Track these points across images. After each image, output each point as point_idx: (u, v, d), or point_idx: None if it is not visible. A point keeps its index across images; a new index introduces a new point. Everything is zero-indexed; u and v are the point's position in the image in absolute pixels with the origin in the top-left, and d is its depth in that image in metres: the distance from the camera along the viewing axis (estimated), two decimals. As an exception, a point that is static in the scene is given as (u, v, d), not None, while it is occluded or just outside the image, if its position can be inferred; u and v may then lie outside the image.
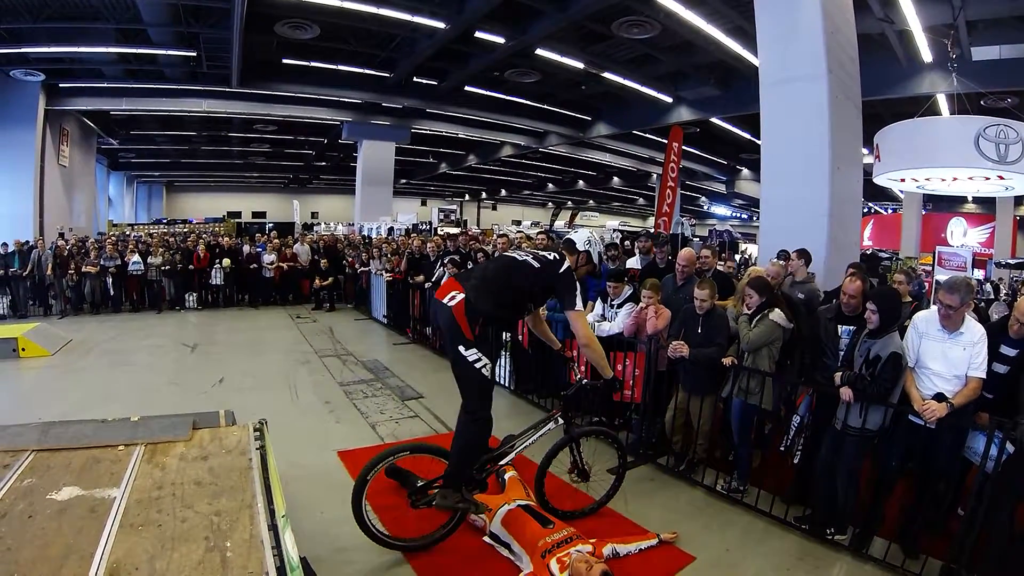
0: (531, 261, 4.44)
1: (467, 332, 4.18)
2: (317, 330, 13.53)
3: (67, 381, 9.19)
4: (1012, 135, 11.58)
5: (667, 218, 14.60)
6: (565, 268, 4.47)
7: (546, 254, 4.53)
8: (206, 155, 36.81)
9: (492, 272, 4.47)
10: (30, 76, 19.73)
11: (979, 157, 11.89)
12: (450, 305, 4.17)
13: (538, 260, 4.45)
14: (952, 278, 4.74)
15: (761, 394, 5.47)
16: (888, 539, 4.72)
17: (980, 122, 11.98)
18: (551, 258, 4.48)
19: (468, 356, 4.20)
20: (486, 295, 4.25)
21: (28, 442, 3.52)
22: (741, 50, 16.27)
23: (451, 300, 4.18)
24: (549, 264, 4.44)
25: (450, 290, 4.25)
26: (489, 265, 4.65)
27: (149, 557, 2.50)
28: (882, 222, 32.82)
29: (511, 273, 4.42)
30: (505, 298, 4.38)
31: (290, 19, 16.25)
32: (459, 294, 4.18)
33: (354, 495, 4.27)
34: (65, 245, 16.33)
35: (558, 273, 4.43)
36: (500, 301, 4.34)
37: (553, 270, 4.43)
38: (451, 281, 4.36)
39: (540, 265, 4.42)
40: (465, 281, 4.33)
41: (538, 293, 4.57)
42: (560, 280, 4.44)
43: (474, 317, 4.19)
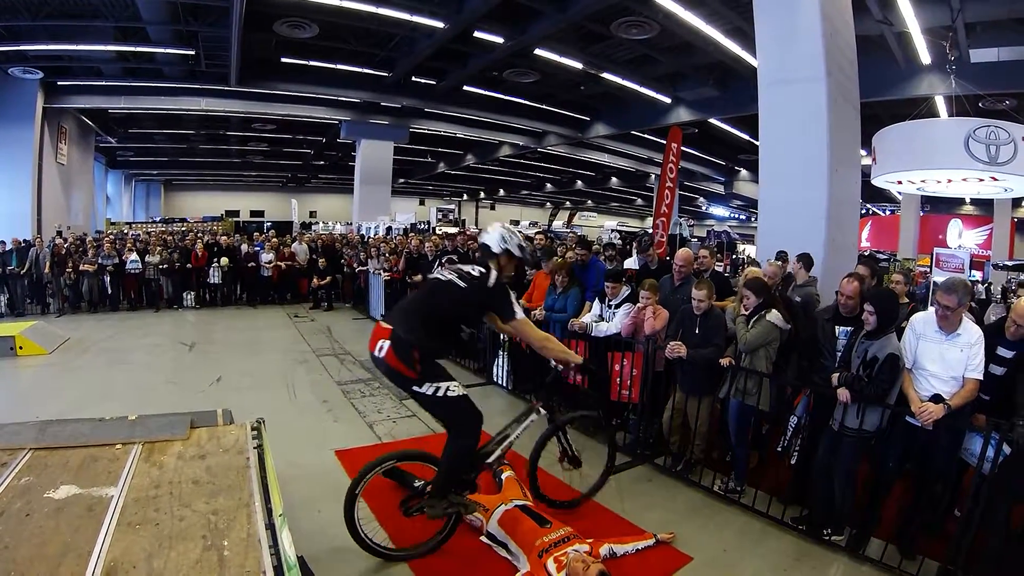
0: (456, 281, 4.26)
1: (410, 373, 4.05)
2: (315, 329, 13.53)
3: (64, 380, 9.18)
4: (1003, 136, 11.57)
5: (665, 219, 14.57)
6: (493, 280, 4.27)
7: (471, 270, 4.34)
8: (204, 154, 36.79)
9: (415, 302, 4.39)
10: (28, 74, 19.73)
11: (969, 159, 11.89)
12: (382, 356, 4.06)
13: (463, 278, 4.27)
14: (950, 279, 4.75)
15: (759, 395, 5.47)
16: (885, 540, 4.71)
17: (971, 124, 11.98)
18: (476, 273, 4.29)
19: (425, 392, 4.09)
20: (414, 327, 4.11)
21: (26, 440, 3.53)
22: (740, 51, 16.28)
23: (380, 351, 4.06)
24: (475, 280, 4.26)
25: (377, 339, 4.11)
26: (414, 295, 4.54)
27: (147, 556, 2.50)
28: (880, 224, 32.91)
29: (433, 298, 4.32)
30: (432, 326, 4.19)
31: (289, 18, 16.26)
32: (384, 341, 4.04)
33: (346, 511, 4.21)
34: (63, 243, 16.31)
35: (488, 288, 4.24)
36: (428, 331, 4.16)
37: (481, 285, 4.24)
38: (378, 328, 4.20)
39: (466, 284, 4.24)
40: (394, 319, 4.20)
41: (471, 313, 4.49)
42: (492, 295, 4.27)
43: (407, 355, 4.03)
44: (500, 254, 4.47)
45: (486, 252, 4.51)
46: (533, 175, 46.90)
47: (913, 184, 14.74)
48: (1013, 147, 11.47)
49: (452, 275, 4.32)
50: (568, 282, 7.68)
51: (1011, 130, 11.69)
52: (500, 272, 4.40)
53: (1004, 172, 11.87)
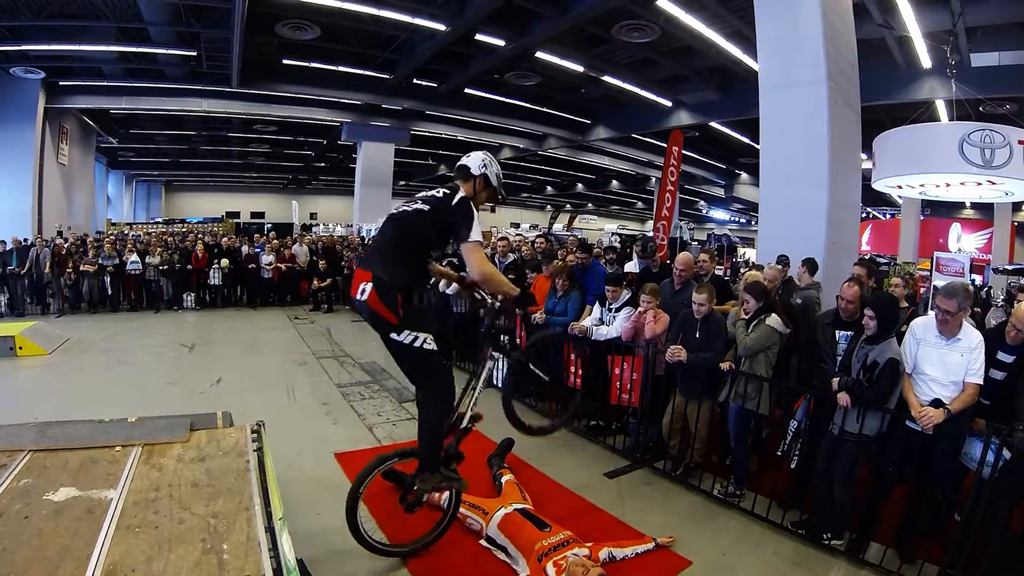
0: (420, 207, 4.06)
1: (390, 317, 3.87)
2: (315, 331, 13.52)
3: (64, 380, 9.17)
4: (998, 139, 11.59)
5: (666, 222, 14.60)
6: (459, 199, 4.06)
7: (435, 192, 4.14)
8: (205, 155, 36.83)
9: (387, 236, 4.11)
10: (30, 74, 19.76)
11: (963, 162, 11.93)
12: (364, 299, 3.87)
13: (427, 202, 4.08)
14: (950, 283, 4.75)
15: (759, 399, 5.47)
16: (884, 544, 4.71)
17: (965, 128, 12.03)
18: (440, 194, 4.10)
19: (403, 339, 3.92)
20: (392, 265, 3.94)
21: (25, 442, 3.53)
22: (741, 54, 16.31)
23: (363, 294, 3.87)
24: (439, 200, 4.07)
25: (359, 283, 3.92)
26: (383, 230, 4.20)
27: (146, 559, 2.51)
28: (880, 227, 32.90)
29: (403, 226, 4.07)
30: (410, 258, 4.04)
31: (291, 20, 16.29)
32: (367, 284, 3.86)
33: (348, 512, 4.15)
34: (63, 244, 16.32)
35: (451, 205, 4.02)
36: (407, 264, 4.01)
37: (445, 203, 4.04)
38: (358, 272, 4.03)
39: (430, 206, 4.05)
40: (370, 262, 4.07)
41: (435, 237, 4.11)
42: (454, 212, 4.00)
43: (391, 297, 3.87)
44: (478, 176, 4.30)
45: (463, 172, 4.32)
46: (534, 178, 46.93)
47: (912, 188, 14.77)
48: (1008, 150, 11.48)
49: (416, 203, 4.13)
50: (569, 285, 7.68)
51: (1006, 133, 11.70)
52: (473, 195, 4.22)
53: (999, 175, 11.89)
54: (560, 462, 6.46)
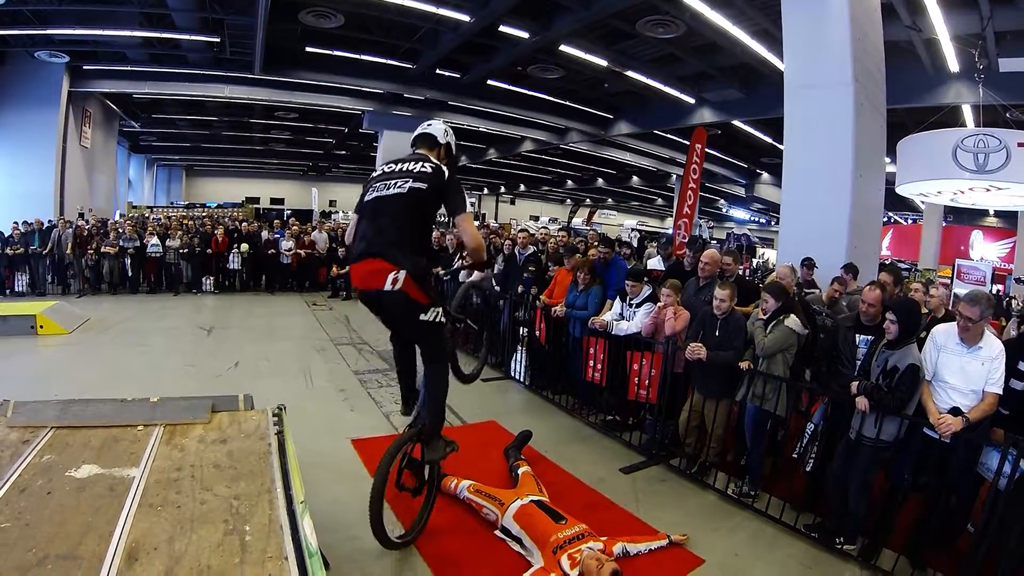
0: (416, 186, 4.02)
1: (423, 299, 3.96)
2: (333, 318, 13.58)
3: (84, 360, 9.28)
4: (993, 143, 11.48)
5: (688, 219, 14.54)
6: (448, 173, 4.14)
7: (418, 168, 4.10)
8: (227, 140, 36.92)
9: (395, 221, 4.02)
10: (55, 58, 19.87)
11: (956, 168, 11.90)
12: (398, 288, 3.83)
13: (419, 178, 4.03)
14: (973, 291, 4.72)
15: (776, 400, 5.46)
16: (897, 552, 4.68)
17: (961, 133, 11.98)
18: (429, 169, 4.08)
19: (430, 318, 4.04)
20: (416, 250, 3.98)
21: (47, 419, 3.55)
22: (766, 53, 16.16)
23: (395, 284, 3.83)
24: (431, 176, 4.06)
25: (383, 272, 3.85)
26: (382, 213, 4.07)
27: (168, 537, 2.53)
28: (901, 232, 32.64)
29: (408, 208, 4.03)
30: (424, 239, 4.18)
31: (315, 7, 16.29)
32: (396, 272, 3.82)
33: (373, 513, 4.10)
34: (85, 225, 16.46)
35: (446, 181, 4.09)
36: (424, 245, 4.16)
37: (439, 179, 4.07)
38: (370, 263, 3.93)
39: (426, 184, 4.02)
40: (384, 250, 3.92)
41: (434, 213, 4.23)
42: (449, 187, 4.10)
43: (424, 279, 3.98)
44: (443, 144, 4.44)
45: (430, 140, 4.43)
46: (554, 171, 46.76)
47: (926, 196, 14.68)
48: (1005, 154, 11.35)
49: (405, 182, 4.06)
50: (590, 280, 7.68)
51: (1003, 137, 11.59)
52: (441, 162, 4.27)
53: (993, 180, 11.76)
54: (576, 456, 6.47)
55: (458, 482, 5.13)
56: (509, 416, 7.37)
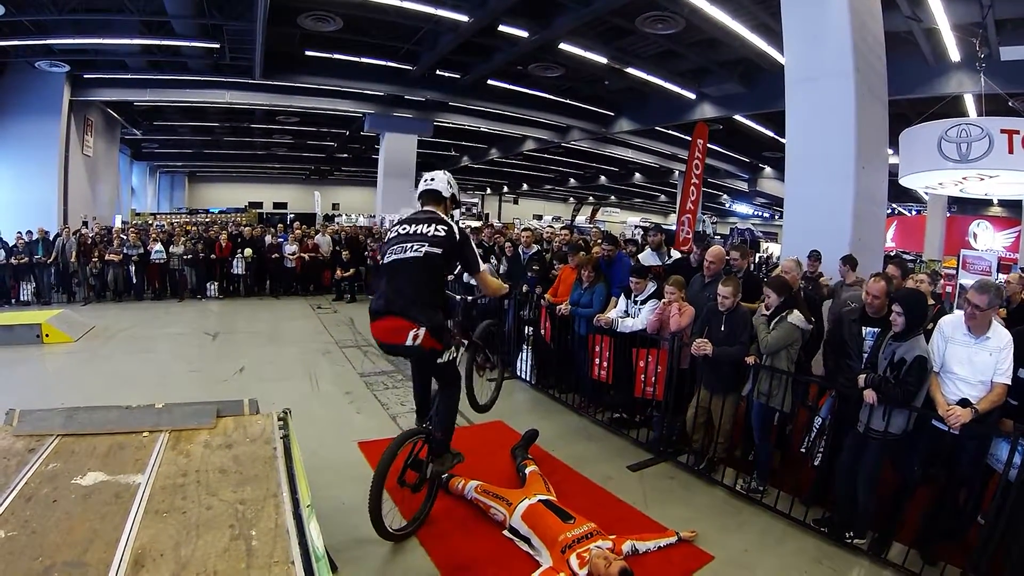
0: (432, 250, 4.31)
1: (439, 347, 4.35)
2: (338, 321, 13.60)
3: (89, 367, 9.31)
4: (975, 132, 11.40)
5: (691, 215, 14.49)
6: (459, 233, 4.46)
7: (433, 231, 4.39)
8: (228, 146, 36.93)
9: (413, 283, 4.31)
10: (55, 67, 19.90)
11: (941, 159, 11.82)
12: (418, 344, 4.20)
13: (435, 243, 4.33)
14: (982, 280, 4.70)
15: (782, 396, 5.44)
16: (907, 545, 4.67)
17: (944, 125, 11.91)
18: (443, 233, 4.38)
19: (446, 359, 4.51)
20: (432, 308, 4.29)
21: (53, 427, 3.55)
22: (766, 47, 16.13)
23: (415, 340, 4.19)
24: (445, 240, 4.36)
25: (404, 329, 4.21)
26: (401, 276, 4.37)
27: (174, 544, 2.52)
28: (905, 224, 32.53)
29: (425, 271, 4.33)
30: (439, 297, 4.49)
31: (313, 11, 16.30)
32: (416, 329, 4.17)
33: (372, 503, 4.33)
34: (89, 233, 16.50)
35: (458, 243, 4.42)
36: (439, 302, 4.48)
37: (453, 242, 4.39)
38: (392, 321, 4.27)
39: (441, 248, 4.33)
40: (404, 311, 4.24)
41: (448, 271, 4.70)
42: (462, 248, 4.47)
43: (441, 331, 4.32)
44: (448, 198, 4.73)
45: (435, 196, 4.70)
46: (556, 170, 46.74)
47: (931, 188, 14.62)
48: (987, 142, 11.25)
49: (421, 246, 4.33)
50: (594, 277, 7.67)
51: (985, 124, 11.50)
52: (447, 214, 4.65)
53: (976, 168, 11.72)
54: (584, 454, 6.47)
55: (465, 483, 5.13)
56: (516, 416, 7.36)
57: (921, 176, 13.30)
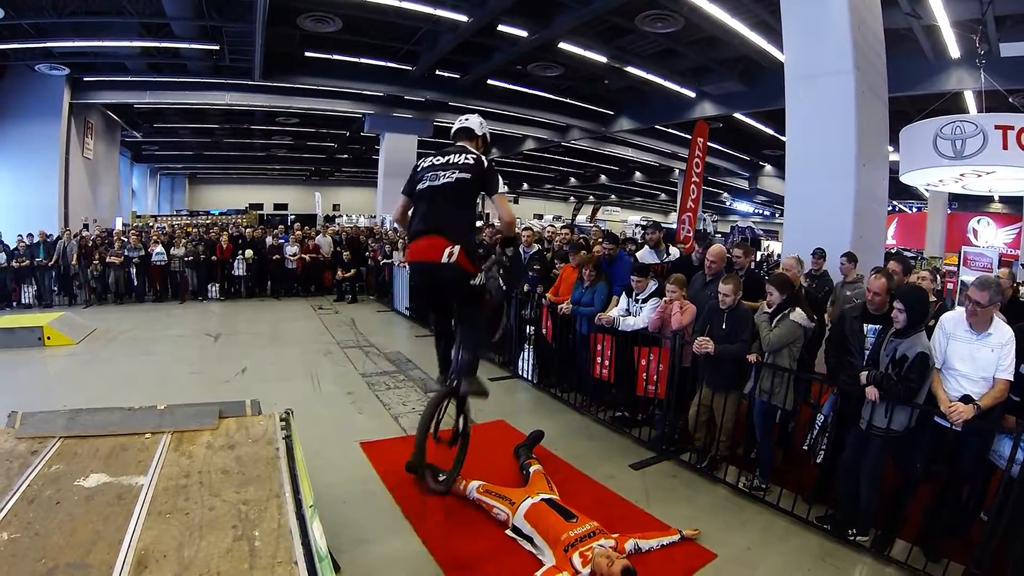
0: (463, 176, 4.65)
1: (471, 267, 4.59)
2: (339, 321, 13.61)
3: (92, 369, 9.31)
4: (970, 129, 11.45)
5: (691, 214, 14.48)
6: (488, 162, 4.80)
7: (463, 159, 4.73)
8: (228, 147, 36.91)
9: (448, 206, 4.65)
10: (55, 70, 19.91)
11: (936, 156, 11.93)
12: (453, 260, 4.45)
13: (464, 169, 4.66)
14: (983, 276, 4.69)
15: (784, 394, 5.43)
16: (910, 542, 4.66)
17: (940, 122, 11.96)
18: (471, 161, 4.71)
19: (476, 282, 4.69)
20: (466, 229, 4.72)
21: (55, 429, 3.54)
22: (766, 45, 16.14)
23: (450, 256, 4.44)
24: (474, 167, 4.68)
25: (441, 246, 4.46)
26: (436, 200, 4.69)
27: (177, 545, 2.51)
28: (906, 221, 32.49)
29: (458, 195, 4.66)
30: (471, 219, 4.91)
31: (312, 12, 16.32)
32: (451, 247, 4.44)
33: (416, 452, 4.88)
34: (90, 236, 16.51)
35: (486, 169, 4.74)
36: (472, 224, 4.93)
37: (481, 168, 4.71)
38: (429, 239, 4.54)
39: (471, 174, 4.65)
40: (441, 229, 4.55)
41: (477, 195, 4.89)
42: (488, 173, 4.74)
43: (473, 252, 4.66)
44: (480, 136, 5.15)
45: (468, 133, 5.12)
46: (557, 169, 46.74)
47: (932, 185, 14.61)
48: (981, 138, 11.30)
49: (453, 172, 4.67)
50: (595, 276, 7.67)
51: (979, 121, 11.56)
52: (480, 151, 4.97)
53: (971, 164, 11.75)
54: (586, 453, 6.47)
55: (467, 483, 5.13)
56: (517, 415, 7.36)
57: (921, 173, 13.32)
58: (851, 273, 7.94)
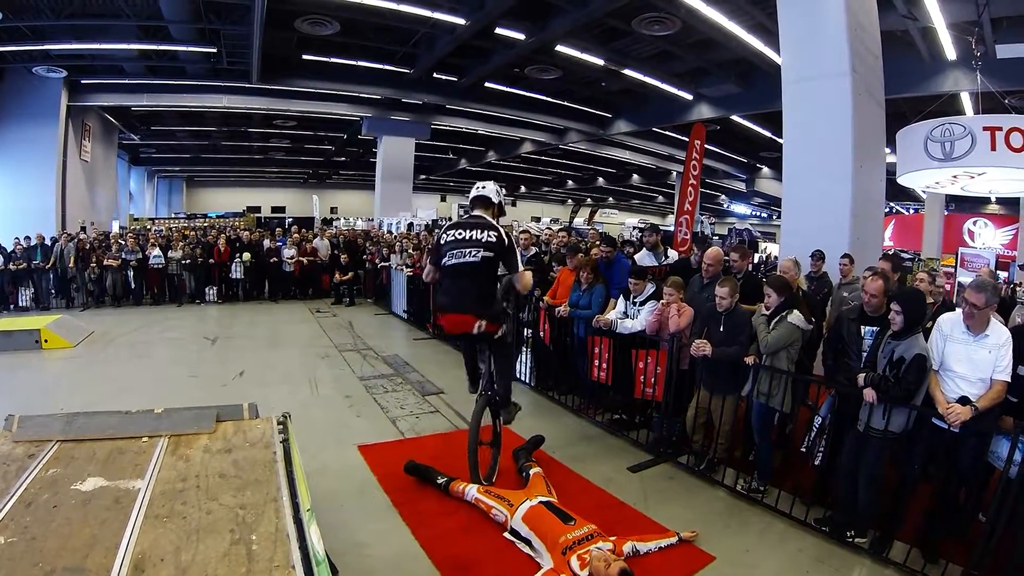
0: (486, 254, 5.11)
1: (495, 329, 5.23)
2: (337, 324, 13.59)
3: (89, 373, 9.29)
4: (958, 131, 11.47)
5: (689, 216, 14.48)
6: (508, 239, 5.21)
7: (485, 237, 5.13)
8: (226, 150, 36.92)
9: (473, 284, 5.15)
10: (52, 73, 19.90)
11: (927, 159, 11.96)
12: (482, 331, 5.11)
13: (489, 248, 5.11)
14: (979, 278, 4.70)
15: (782, 396, 5.43)
16: (909, 543, 4.65)
17: (931, 125, 11.98)
18: (494, 239, 5.13)
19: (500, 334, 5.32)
20: (489, 303, 5.18)
21: (52, 432, 3.53)
22: (763, 47, 16.16)
23: (479, 328, 5.09)
24: (496, 245, 5.12)
25: (470, 322, 5.11)
26: (462, 277, 5.20)
27: (175, 549, 2.50)
28: (904, 222, 32.51)
29: (482, 273, 5.16)
30: (493, 291, 5.27)
31: (310, 15, 16.33)
32: (479, 321, 5.08)
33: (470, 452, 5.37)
34: (87, 239, 16.49)
35: (507, 246, 5.18)
36: (494, 296, 5.26)
37: (502, 246, 5.15)
38: (459, 317, 5.18)
39: (494, 252, 5.12)
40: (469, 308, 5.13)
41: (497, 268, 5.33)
42: (509, 251, 5.20)
43: (497, 318, 5.22)
44: (496, 204, 5.46)
45: (485, 202, 5.44)
46: (554, 172, 46.79)
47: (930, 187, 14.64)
48: (970, 140, 11.31)
49: (476, 251, 5.12)
50: (593, 279, 7.66)
51: (967, 123, 11.58)
52: (495, 220, 5.40)
53: (960, 166, 11.78)
54: (584, 456, 6.46)
55: (466, 485, 5.13)
56: (518, 422, 7.34)
57: (918, 175, 13.34)
58: (850, 274, 7.95)
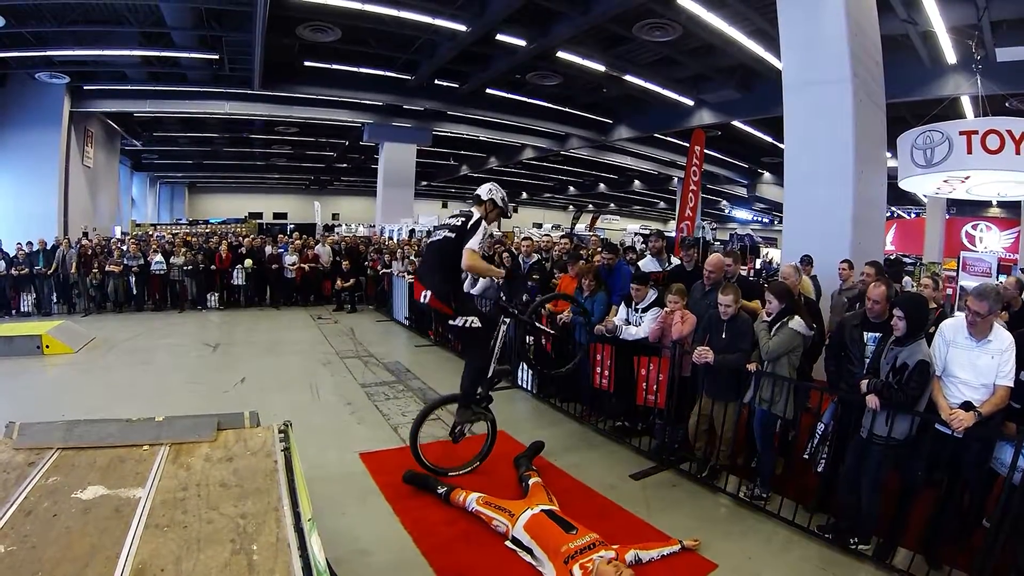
0: (448, 234, 5.58)
1: (447, 310, 5.64)
2: (338, 331, 13.58)
3: (90, 379, 9.29)
4: (937, 137, 11.50)
5: (690, 221, 14.50)
6: (474, 221, 5.54)
7: (455, 222, 5.65)
8: (228, 156, 37.03)
9: (433, 259, 5.78)
10: (55, 79, 19.96)
11: (912, 165, 11.99)
12: (426, 302, 5.74)
13: (452, 230, 5.58)
14: (982, 285, 4.68)
15: (784, 403, 5.42)
16: (912, 550, 4.64)
17: (916, 133, 11.99)
18: (459, 223, 5.59)
19: (457, 323, 5.62)
20: (439, 278, 5.60)
21: (53, 440, 3.52)
22: (763, 53, 16.16)
23: (425, 299, 5.71)
24: (460, 227, 5.55)
25: (420, 291, 5.86)
26: (428, 254, 5.99)
27: (175, 558, 2.49)
28: (905, 226, 32.50)
29: (440, 254, 5.62)
30: (449, 271, 5.60)
31: (312, 22, 16.35)
32: (426, 292, 5.67)
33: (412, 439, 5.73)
34: (89, 244, 16.50)
35: (468, 227, 5.51)
36: (449, 276, 5.60)
37: (463, 227, 5.53)
38: (416, 284, 6.05)
39: (455, 233, 5.54)
40: (422, 278, 5.93)
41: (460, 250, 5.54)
42: (469, 230, 5.49)
43: (445, 298, 5.59)
44: (486, 200, 5.71)
45: (476, 199, 5.78)
46: (556, 178, 46.88)
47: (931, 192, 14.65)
48: (947, 146, 11.32)
49: (442, 232, 5.69)
50: (595, 285, 7.65)
51: (944, 129, 11.58)
52: (485, 216, 5.65)
53: (940, 172, 11.80)
54: (586, 463, 6.44)
55: (467, 495, 5.10)
56: (517, 425, 7.33)
57: (917, 180, 13.35)
58: (850, 279, 7.95)
